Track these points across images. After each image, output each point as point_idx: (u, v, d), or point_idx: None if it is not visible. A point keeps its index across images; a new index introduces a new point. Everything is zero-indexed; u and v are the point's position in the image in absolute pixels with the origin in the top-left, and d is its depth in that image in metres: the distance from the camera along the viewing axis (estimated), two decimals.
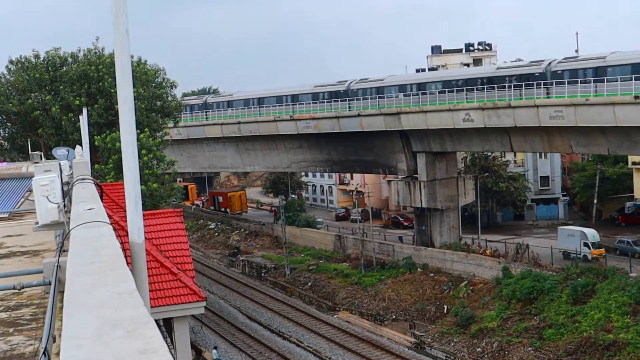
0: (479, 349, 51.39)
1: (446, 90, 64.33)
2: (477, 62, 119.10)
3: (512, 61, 71.54)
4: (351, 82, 75.09)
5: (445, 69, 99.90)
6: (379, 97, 70.50)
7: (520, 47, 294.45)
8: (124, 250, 6.00)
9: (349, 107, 71.56)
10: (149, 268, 7.61)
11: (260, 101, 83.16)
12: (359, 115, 70.19)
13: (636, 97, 49.33)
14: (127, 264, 5.57)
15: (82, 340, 3.32)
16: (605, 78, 52.17)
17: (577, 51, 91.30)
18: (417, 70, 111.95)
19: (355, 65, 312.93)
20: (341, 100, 72.97)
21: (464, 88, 63.10)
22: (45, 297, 10.86)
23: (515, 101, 58.06)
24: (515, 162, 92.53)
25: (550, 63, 58.30)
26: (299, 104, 76.92)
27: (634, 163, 74.73)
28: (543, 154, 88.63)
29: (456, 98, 62.63)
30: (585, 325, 47.64)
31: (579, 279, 52.37)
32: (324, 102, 74.43)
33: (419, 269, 66.73)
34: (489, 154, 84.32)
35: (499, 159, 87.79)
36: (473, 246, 68.06)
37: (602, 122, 52.41)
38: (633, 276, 51.50)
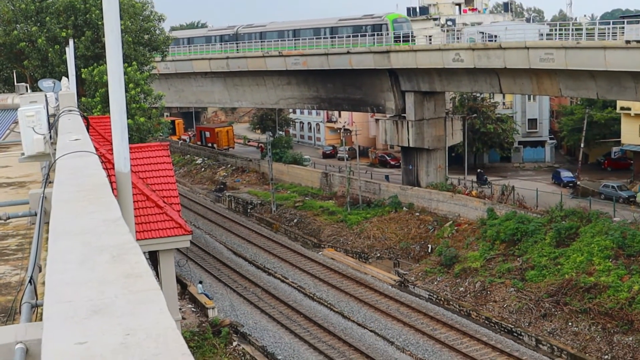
0: (462, 289, 52.03)
1: (300, 38, 74.78)
2: (469, 2, 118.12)
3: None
4: (239, 27, 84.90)
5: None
6: (261, 41, 79.61)
7: None
8: (110, 181, 5.99)
9: (339, 45, 71.02)
10: (135, 201, 7.62)
11: None
12: (348, 52, 69.60)
13: (627, 42, 49.16)
14: (113, 194, 5.56)
15: (67, 264, 3.33)
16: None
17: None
18: (408, 9, 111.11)
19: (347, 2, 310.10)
20: (254, 42, 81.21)
21: (314, 37, 73.20)
22: (31, 227, 10.89)
23: (506, 42, 57.81)
24: (503, 104, 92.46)
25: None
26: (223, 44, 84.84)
27: (622, 108, 74.78)
28: (532, 96, 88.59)
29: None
30: (567, 268, 48.19)
31: (563, 222, 52.77)
32: (309, 40, 73.93)
33: (404, 208, 66.98)
34: (478, 95, 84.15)
35: (488, 100, 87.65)
36: (459, 187, 68.34)
37: (592, 66, 52.24)
38: (616, 220, 51.93)
